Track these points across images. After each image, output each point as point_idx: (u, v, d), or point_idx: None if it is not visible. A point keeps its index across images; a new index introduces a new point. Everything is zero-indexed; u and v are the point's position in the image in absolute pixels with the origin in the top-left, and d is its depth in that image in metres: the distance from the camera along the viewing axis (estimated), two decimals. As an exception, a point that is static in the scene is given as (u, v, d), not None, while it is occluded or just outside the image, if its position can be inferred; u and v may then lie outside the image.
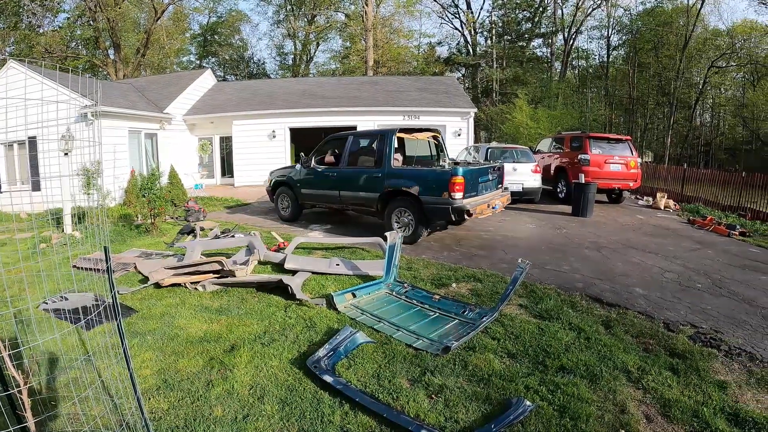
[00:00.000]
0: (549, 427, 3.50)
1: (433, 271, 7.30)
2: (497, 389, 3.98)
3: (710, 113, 47.46)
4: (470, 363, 4.40)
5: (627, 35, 44.62)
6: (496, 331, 5.11)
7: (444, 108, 20.70)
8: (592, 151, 14.17)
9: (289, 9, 47.93)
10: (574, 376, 4.24)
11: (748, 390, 4.22)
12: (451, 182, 8.20)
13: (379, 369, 4.28)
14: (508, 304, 5.85)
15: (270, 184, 12.12)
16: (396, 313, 5.54)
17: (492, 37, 45.95)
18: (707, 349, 4.92)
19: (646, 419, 3.74)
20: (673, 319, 5.72)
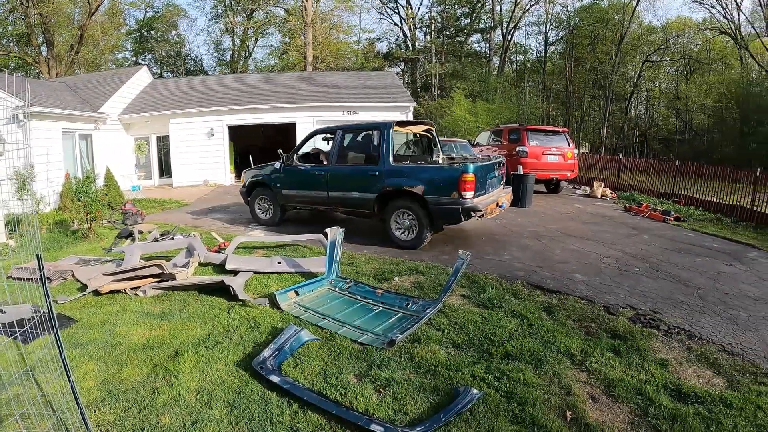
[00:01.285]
0: (497, 414, 3.64)
1: (375, 266, 7.40)
2: (444, 379, 4.10)
3: (645, 105, 50.56)
4: (416, 355, 4.50)
5: (564, 31, 46.77)
6: (441, 322, 5.26)
7: (383, 103, 21.15)
8: (529, 143, 14.77)
9: (227, 4, 47.18)
10: (519, 362, 4.42)
11: (688, 366, 4.55)
12: (461, 180, 7.74)
13: (326, 366, 4.32)
14: (451, 295, 6.02)
15: (244, 185, 11.26)
16: (340, 309, 5.61)
17: (431, 32, 47.07)
18: (647, 330, 5.26)
19: (592, 400, 3.95)
20: (613, 302, 6.07)
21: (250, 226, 10.90)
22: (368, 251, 8.33)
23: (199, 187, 18.88)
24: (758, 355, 4.84)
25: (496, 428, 3.48)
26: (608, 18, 42.17)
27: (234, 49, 49.64)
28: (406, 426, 3.51)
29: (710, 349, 4.90)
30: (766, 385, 4.28)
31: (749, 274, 7.63)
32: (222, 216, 12.38)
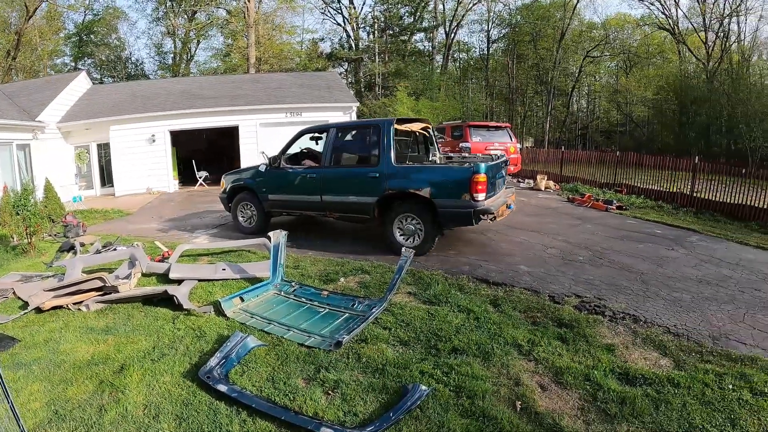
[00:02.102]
0: (447, 408, 3.69)
1: (320, 267, 7.37)
2: (392, 378, 4.12)
3: (586, 99, 53.43)
4: (363, 355, 4.52)
5: (506, 29, 48.55)
6: (387, 320, 5.29)
7: (326, 103, 21.20)
8: (472, 139, 15.13)
9: (168, 5, 46.08)
10: (467, 356, 4.49)
11: (635, 350, 4.72)
12: (473, 181, 7.32)
13: (273, 371, 4.30)
14: (397, 293, 6.05)
15: (225, 190, 10.54)
16: (286, 313, 5.62)
17: (374, 31, 47.64)
18: (593, 316, 5.44)
19: (541, 388, 4.04)
20: (558, 291, 6.25)
21: (195, 232, 10.65)
22: (358, 258, 8.08)
23: (143, 196, 18.38)
24: (703, 335, 5.06)
25: (447, 423, 3.52)
26: (549, 15, 44.18)
27: (175, 51, 48.68)
28: (356, 427, 3.54)
29: (656, 332, 5.09)
30: (713, 362, 4.48)
31: (691, 257, 7.98)
32: (166, 224, 12.04)
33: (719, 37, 38.73)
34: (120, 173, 19.85)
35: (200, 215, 12.83)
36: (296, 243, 8.81)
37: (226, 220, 11.74)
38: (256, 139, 20.16)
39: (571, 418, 3.68)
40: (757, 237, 9.90)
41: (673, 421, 3.65)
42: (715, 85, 34.93)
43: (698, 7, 39.49)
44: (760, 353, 4.73)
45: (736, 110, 30.92)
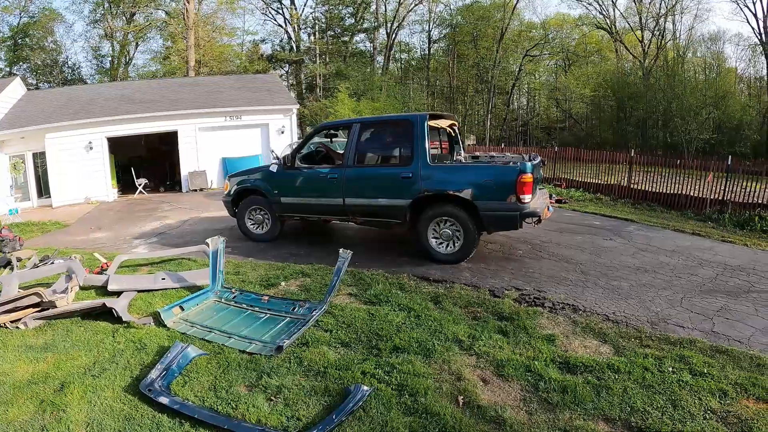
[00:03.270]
0: (390, 407, 3.72)
1: (261, 272, 7.29)
2: (334, 380, 4.13)
3: (526, 97, 55.26)
4: (305, 358, 4.51)
5: (447, 29, 49.66)
6: (328, 322, 5.29)
7: (266, 106, 21.38)
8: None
9: (106, 7, 44.39)
10: (409, 354, 4.52)
11: (575, 339, 4.86)
12: (519, 182, 6.90)
13: (215, 380, 4.25)
14: (338, 295, 6.07)
15: (229, 193, 9.82)
16: (227, 321, 5.59)
17: (315, 32, 47.80)
18: (533, 308, 5.59)
19: (483, 382, 4.10)
20: (498, 285, 6.40)
21: (134, 242, 10.34)
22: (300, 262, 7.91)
23: (81, 206, 17.82)
24: (641, 321, 5.28)
25: (390, 422, 3.55)
26: (489, 16, 45.53)
27: (113, 55, 47.14)
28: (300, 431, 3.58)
29: (595, 320, 5.27)
30: (652, 347, 4.66)
31: (628, 246, 8.29)
32: (105, 234, 11.67)
33: (655, 35, 41.34)
34: (57, 183, 19.23)
35: (140, 224, 12.52)
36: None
37: (167, 228, 11.50)
38: (195, 144, 20.02)
39: (514, 409, 3.74)
40: (693, 224, 10.39)
41: (614, 406, 3.75)
42: (651, 82, 37.04)
43: (635, 6, 41.94)
44: (698, 336, 4.95)
45: (672, 105, 32.78)
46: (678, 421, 3.60)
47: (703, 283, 6.58)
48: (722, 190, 13.22)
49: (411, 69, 52.75)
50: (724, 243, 9.07)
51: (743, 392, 3.99)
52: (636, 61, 42.04)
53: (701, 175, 13.95)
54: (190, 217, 12.83)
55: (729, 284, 6.65)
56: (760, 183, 13.17)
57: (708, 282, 6.70)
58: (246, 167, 20.17)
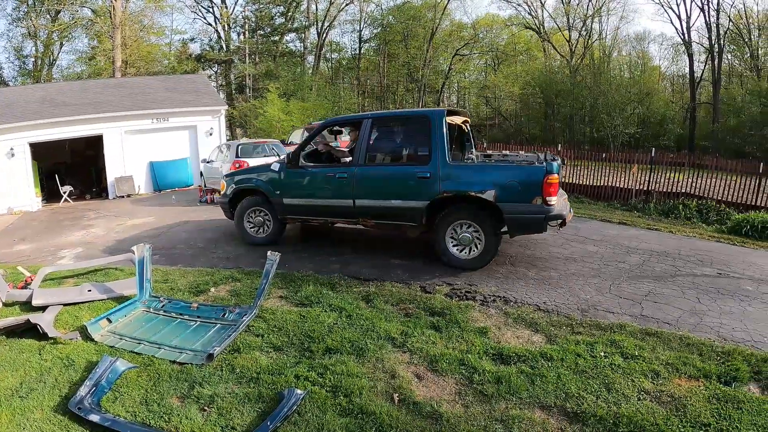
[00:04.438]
0: (325, 409, 3.71)
1: (190, 279, 7.09)
2: (268, 385, 4.08)
3: (456, 95, 56.56)
4: (237, 365, 4.45)
5: (378, 28, 50.13)
6: (259, 327, 5.21)
7: (194, 108, 21.19)
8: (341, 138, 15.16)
9: (30, 4, 42.13)
10: (341, 354, 4.51)
11: (507, 330, 4.97)
12: (546, 183, 6.60)
13: (147, 394, 4.15)
14: (268, 298, 5.99)
15: (226, 194, 9.27)
16: (156, 331, 5.46)
17: (245, 32, 47.34)
18: (464, 302, 5.68)
19: (417, 378, 4.13)
20: (429, 281, 6.47)
21: (60, 253, 9.84)
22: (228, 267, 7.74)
23: (4, 217, 16.87)
24: (572, 309, 5.45)
25: (326, 424, 3.55)
26: (421, 16, 46.32)
27: (37, 55, 44.77)
28: (234, 440, 3.59)
29: (526, 311, 5.42)
30: (583, 333, 4.83)
31: (557, 237, 8.55)
32: (30, 246, 11.05)
33: (582, 35, 43.49)
34: (-24, 194, 18.14)
35: (65, 234, 11.95)
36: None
37: (93, 237, 11.05)
38: (122, 148, 19.46)
39: (450, 403, 3.79)
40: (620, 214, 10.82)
41: (549, 393, 3.85)
42: (578, 80, 38.73)
43: (563, 8, 44.14)
44: (627, 320, 5.17)
45: (598, 101, 34.39)
46: (613, 404, 3.73)
47: (630, 270, 6.86)
48: (647, 181, 13.93)
49: (342, 69, 53.05)
50: (650, 231, 9.50)
51: (675, 372, 4.18)
52: (563, 60, 43.76)
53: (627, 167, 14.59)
54: (117, 224, 12.35)
55: (656, 270, 6.95)
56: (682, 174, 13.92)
57: (635, 268, 6.98)
58: (174, 171, 19.89)
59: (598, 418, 3.58)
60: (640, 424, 3.51)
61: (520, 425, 3.52)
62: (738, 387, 3.98)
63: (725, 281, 6.58)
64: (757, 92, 34.03)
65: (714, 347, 4.60)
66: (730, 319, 5.31)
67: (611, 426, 3.51)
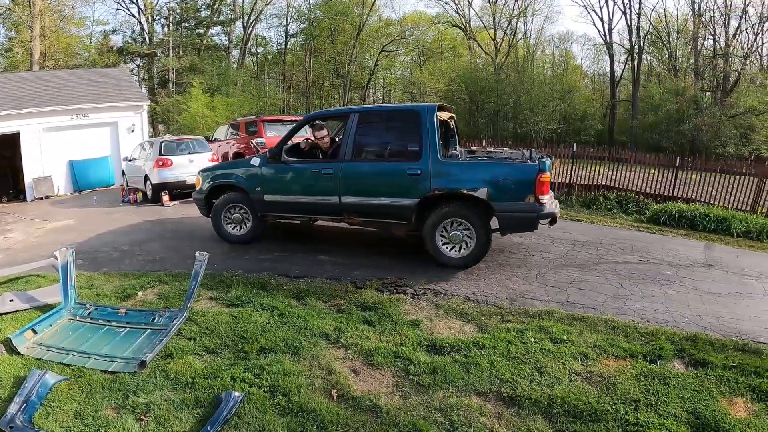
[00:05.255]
0: (264, 410, 3.68)
1: (116, 283, 6.80)
2: (204, 389, 4.01)
3: (382, 91, 57.08)
4: (171, 371, 4.34)
5: (305, 23, 49.73)
6: (191, 330, 5.10)
7: (116, 103, 20.64)
8: (267, 134, 15.13)
9: None
10: (276, 353, 4.48)
11: (438, 321, 5.11)
12: (539, 181, 6.58)
13: (80, 407, 3.96)
14: (198, 300, 5.86)
15: (201, 190, 8.89)
16: (84, 340, 5.23)
17: (170, 24, 45.95)
18: (395, 296, 5.80)
19: (354, 373, 4.18)
20: (360, 276, 6.54)
21: None
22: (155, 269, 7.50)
23: None
24: (500, 298, 5.69)
25: (266, 425, 3.53)
26: (348, 11, 46.48)
27: None
28: (175, 449, 3.54)
29: (456, 302, 5.60)
30: (513, 321, 5.05)
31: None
32: None
33: (507, 34, 45.40)
34: None
35: None
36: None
37: (12, 243, 10.46)
38: (39, 146, 18.68)
39: (388, 395, 3.85)
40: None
41: (484, 380, 4.00)
42: (502, 77, 40.28)
43: (489, 7, 45.74)
44: (555, 307, 5.45)
45: (521, 98, 35.75)
46: (546, 387, 3.92)
47: (555, 259, 7.19)
48: (569, 174, 14.51)
49: (267, 63, 52.62)
50: (573, 221, 9.95)
51: (602, 353, 4.44)
52: (488, 57, 45.45)
53: (550, 161, 15.21)
54: (37, 228, 11.73)
55: (579, 258, 7.33)
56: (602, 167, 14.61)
57: (560, 257, 7.34)
58: (95, 170, 19.23)
59: (533, 401, 3.74)
60: (573, 403, 3.70)
61: (459, 412, 3.63)
62: (663, 364, 4.30)
63: (646, 267, 7.00)
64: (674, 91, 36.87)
65: (638, 329, 4.95)
66: (652, 302, 5.72)
67: (546, 407, 3.69)
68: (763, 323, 5.28)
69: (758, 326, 5.19)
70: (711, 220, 10.58)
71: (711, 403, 3.80)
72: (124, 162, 16.40)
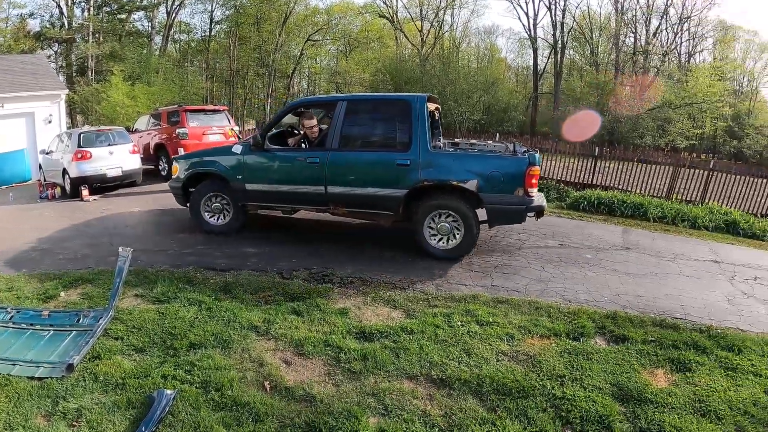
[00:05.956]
0: (198, 406, 3.66)
1: (37, 284, 6.48)
2: (135, 390, 3.93)
3: (307, 81, 57.37)
4: (100, 373, 4.22)
5: (231, 10, 48.90)
6: (118, 329, 4.95)
7: (32, 92, 19.67)
8: (189, 124, 14.84)
9: None
10: (206, 348, 4.45)
11: (366, 309, 5.24)
12: (528, 174, 6.65)
13: (9, 417, 3.79)
14: (123, 298, 5.69)
15: (180, 179, 8.58)
16: (7, 346, 4.97)
17: (90, 8, 43.46)
18: (323, 286, 5.89)
19: (286, 364, 4.22)
20: (286, 267, 6.56)
21: None
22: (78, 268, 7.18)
23: None
24: (426, 284, 5.92)
25: (202, 421, 3.51)
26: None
27: None
28: (110, 453, 3.46)
29: (384, 289, 5.76)
30: (439, 306, 5.25)
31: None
32: None
33: (434, 26, 47.24)
34: None
35: None
36: None
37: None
38: None
39: (321, 384, 3.92)
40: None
41: (414, 363, 4.13)
42: (427, 68, 41.00)
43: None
44: (480, 291, 5.69)
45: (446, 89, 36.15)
46: (475, 367, 4.10)
47: (479, 245, 7.42)
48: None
49: (190, 51, 51.35)
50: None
51: (527, 333, 4.70)
52: (414, 49, 46.77)
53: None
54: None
55: (503, 244, 7.66)
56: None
57: (484, 243, 7.62)
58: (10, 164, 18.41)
59: (463, 382, 3.91)
60: (502, 382, 3.89)
61: (391, 396, 3.73)
62: (586, 341, 4.60)
63: (567, 251, 7.37)
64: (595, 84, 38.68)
65: (561, 309, 5.26)
66: (573, 284, 6.07)
67: (476, 387, 3.86)
68: (679, 300, 5.74)
69: (674, 303, 5.64)
70: (628, 206, 11.21)
71: (633, 375, 4.10)
72: (41, 155, 15.70)
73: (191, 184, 8.55)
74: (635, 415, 3.66)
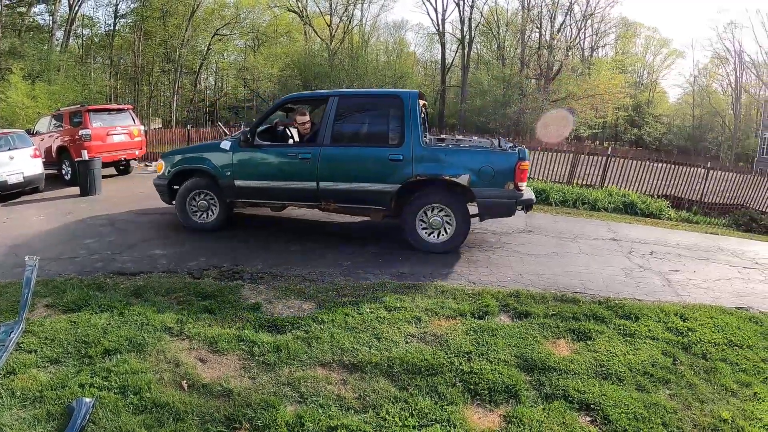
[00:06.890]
0: (118, 412, 3.67)
1: None
2: (54, 402, 3.88)
3: (214, 77, 56.58)
4: (17, 388, 4.12)
5: (136, 3, 46.98)
6: (30, 342, 4.83)
7: None
8: (93, 125, 14.32)
9: None
10: (121, 353, 4.45)
11: (278, 302, 5.42)
12: (518, 169, 6.81)
13: None
14: (33, 309, 5.53)
15: (165, 176, 8.40)
16: None
17: None
18: (233, 283, 5.99)
19: (201, 362, 4.29)
20: (196, 267, 6.60)
21: None
22: None
23: None
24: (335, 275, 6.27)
25: (123, 425, 3.53)
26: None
27: None
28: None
29: (294, 282, 5.97)
30: (348, 295, 5.52)
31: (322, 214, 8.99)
32: None
33: (343, 21, 47.95)
34: None
35: None
36: None
37: None
38: None
39: (237, 378, 4.03)
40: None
41: (326, 351, 4.33)
42: (336, 63, 41.13)
43: None
44: (387, 278, 6.04)
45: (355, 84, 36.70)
46: (385, 350, 4.36)
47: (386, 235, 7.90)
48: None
49: (94, 46, 48.80)
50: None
51: (434, 315, 5.04)
52: (323, 43, 46.84)
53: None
54: None
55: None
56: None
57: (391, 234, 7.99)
58: None
59: (374, 365, 4.13)
60: (411, 362, 4.16)
61: (306, 384, 3.90)
62: (490, 319, 5.00)
63: (470, 237, 7.75)
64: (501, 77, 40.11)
65: (466, 291, 5.65)
66: (477, 267, 6.55)
67: (387, 369, 4.10)
68: (578, 277, 6.30)
69: (574, 280, 6.18)
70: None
71: (536, 346, 4.48)
72: (-69, 164, 14.69)
73: (176, 182, 8.48)
74: (540, 382, 4.00)
